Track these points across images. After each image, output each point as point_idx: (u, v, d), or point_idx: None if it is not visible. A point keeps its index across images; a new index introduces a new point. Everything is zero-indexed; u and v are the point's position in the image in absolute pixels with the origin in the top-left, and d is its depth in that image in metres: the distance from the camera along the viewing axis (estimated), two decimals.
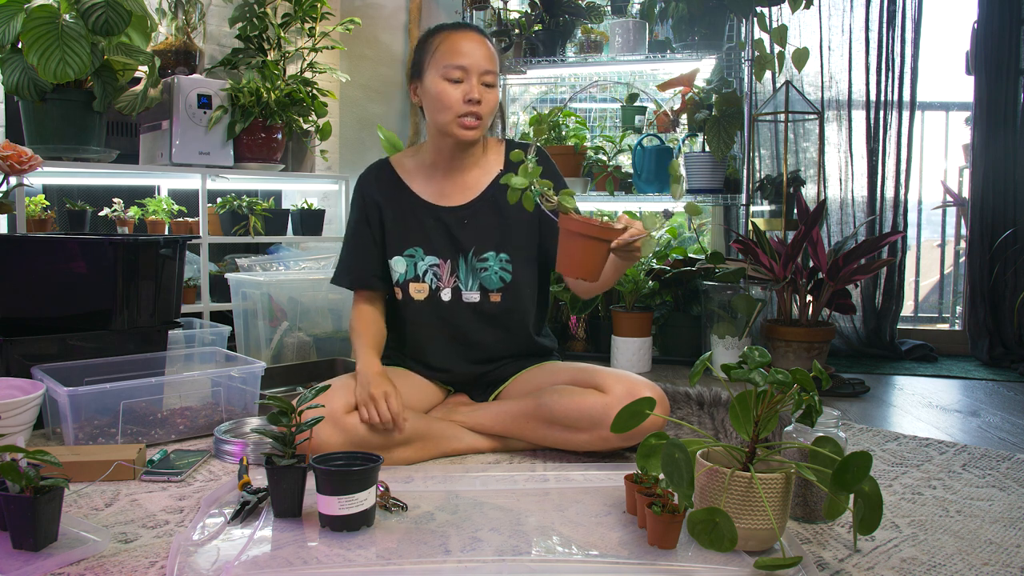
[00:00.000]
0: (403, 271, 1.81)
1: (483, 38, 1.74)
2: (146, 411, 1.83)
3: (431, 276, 1.80)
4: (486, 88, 1.71)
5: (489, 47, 1.73)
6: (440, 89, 1.70)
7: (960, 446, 1.90)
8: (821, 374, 1.25)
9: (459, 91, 1.69)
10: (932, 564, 1.21)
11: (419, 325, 1.82)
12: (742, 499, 1.17)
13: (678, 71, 3.25)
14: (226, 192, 3.01)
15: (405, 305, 1.82)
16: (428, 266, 1.80)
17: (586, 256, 1.41)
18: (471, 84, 1.69)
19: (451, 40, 1.72)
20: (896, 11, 3.26)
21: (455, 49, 1.70)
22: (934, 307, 3.91)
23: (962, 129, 3.66)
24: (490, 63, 1.71)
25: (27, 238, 2.11)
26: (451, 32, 1.74)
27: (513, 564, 1.15)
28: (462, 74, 1.69)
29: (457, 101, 1.69)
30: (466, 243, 1.80)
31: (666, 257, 3.09)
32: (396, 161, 1.89)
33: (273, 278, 2.65)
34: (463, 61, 1.69)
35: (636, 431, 1.46)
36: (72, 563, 1.15)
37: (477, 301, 1.80)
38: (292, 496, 1.30)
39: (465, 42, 1.71)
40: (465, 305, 1.80)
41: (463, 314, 1.80)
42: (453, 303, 1.80)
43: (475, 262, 1.80)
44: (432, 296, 1.80)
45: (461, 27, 1.77)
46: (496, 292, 1.80)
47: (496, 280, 1.79)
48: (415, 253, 1.81)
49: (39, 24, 2.18)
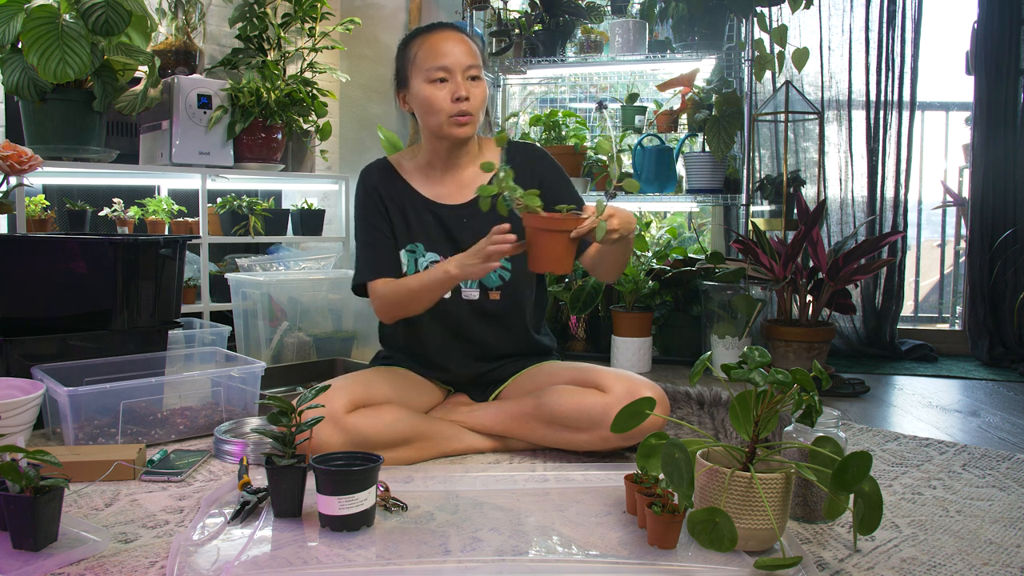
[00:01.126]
0: (404, 266, 1.81)
1: (459, 34, 1.75)
2: (146, 411, 1.83)
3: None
4: (472, 82, 1.72)
5: (467, 42, 1.74)
6: (427, 93, 1.71)
7: (960, 446, 1.90)
8: (821, 374, 1.25)
9: (446, 91, 1.70)
10: (932, 564, 1.21)
11: (419, 322, 1.82)
12: (742, 499, 1.17)
13: (678, 71, 3.25)
14: (226, 192, 3.01)
15: None
16: (429, 262, 1.80)
17: (549, 249, 1.45)
18: (456, 82, 1.70)
19: (429, 43, 1.72)
20: (896, 11, 3.26)
21: (435, 51, 1.71)
22: (934, 307, 3.91)
23: (962, 129, 3.66)
24: (471, 57, 1.71)
25: (27, 238, 2.12)
26: (427, 35, 1.75)
27: (513, 564, 1.15)
28: (445, 74, 1.70)
29: (445, 102, 1.70)
30: (465, 242, 1.79)
31: (666, 257, 3.09)
32: (395, 161, 1.89)
33: (273, 278, 2.65)
34: (444, 61, 1.69)
35: (636, 431, 1.46)
36: (72, 563, 1.15)
37: (476, 299, 1.80)
38: (292, 496, 1.30)
39: (443, 42, 1.71)
40: (464, 303, 1.80)
41: (462, 311, 1.80)
42: (453, 300, 1.79)
43: None
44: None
45: (436, 28, 1.77)
46: (495, 290, 1.80)
47: (495, 278, 1.79)
48: (416, 249, 1.81)
49: (39, 24, 2.18)
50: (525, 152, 1.87)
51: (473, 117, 1.72)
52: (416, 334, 1.84)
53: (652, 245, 3.36)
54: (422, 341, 1.84)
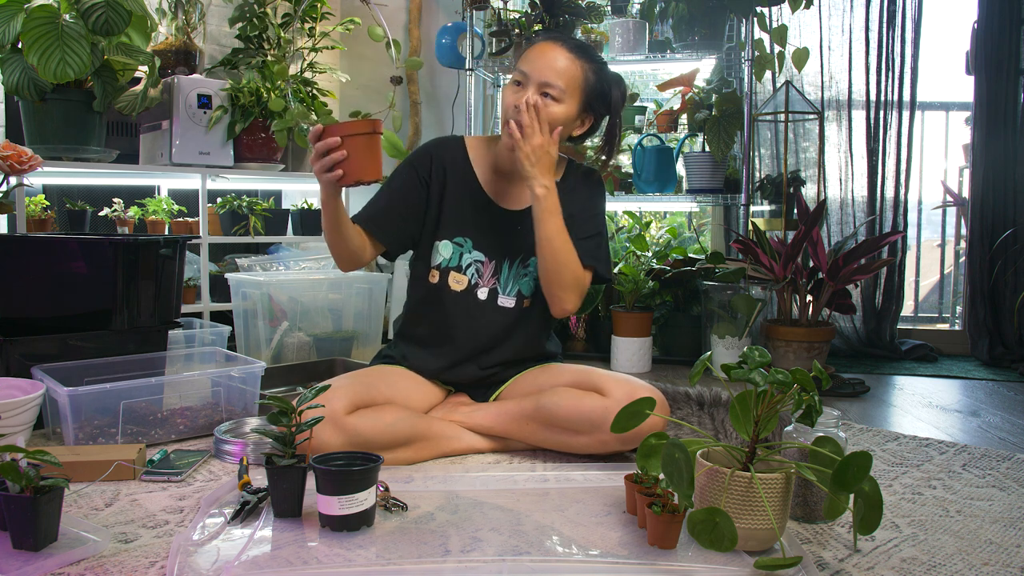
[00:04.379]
0: (447, 256, 1.78)
1: (562, 48, 1.67)
2: (146, 411, 1.83)
3: (473, 271, 1.78)
4: (544, 99, 1.65)
5: (562, 59, 1.66)
6: (505, 93, 1.71)
7: (960, 446, 1.90)
8: (821, 374, 1.25)
9: (516, 95, 1.67)
10: (932, 564, 1.21)
11: (446, 314, 1.78)
12: (742, 499, 1.17)
13: (678, 71, 3.25)
14: (226, 192, 3.01)
15: (439, 290, 1.78)
16: (472, 260, 1.78)
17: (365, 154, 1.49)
18: (526, 92, 1.65)
19: (532, 48, 1.70)
20: (896, 11, 3.26)
21: (527, 55, 1.69)
22: (934, 307, 3.91)
23: (962, 129, 3.66)
24: (554, 74, 1.64)
25: (27, 238, 2.12)
26: (537, 41, 1.72)
27: (513, 564, 1.15)
28: (522, 79, 1.67)
29: (509, 105, 1.67)
30: (516, 250, 1.78)
31: (666, 257, 3.09)
32: (469, 143, 1.85)
33: (273, 278, 2.65)
34: (525, 67, 1.67)
35: (635, 433, 1.46)
36: (72, 563, 1.15)
37: (512, 306, 1.79)
38: (292, 496, 1.30)
39: (539, 51, 1.68)
40: (498, 307, 1.78)
41: (493, 315, 1.78)
42: (487, 303, 1.78)
43: (519, 268, 1.79)
44: (469, 291, 1.78)
45: (547, 36, 1.73)
46: (529, 297, 1.80)
47: (532, 284, 1.79)
48: (464, 243, 1.78)
49: (39, 24, 2.18)
50: (587, 177, 1.86)
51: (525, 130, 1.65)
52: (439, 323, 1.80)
53: (652, 245, 3.36)
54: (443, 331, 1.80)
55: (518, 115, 1.64)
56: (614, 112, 1.78)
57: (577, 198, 1.80)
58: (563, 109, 1.68)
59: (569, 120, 1.70)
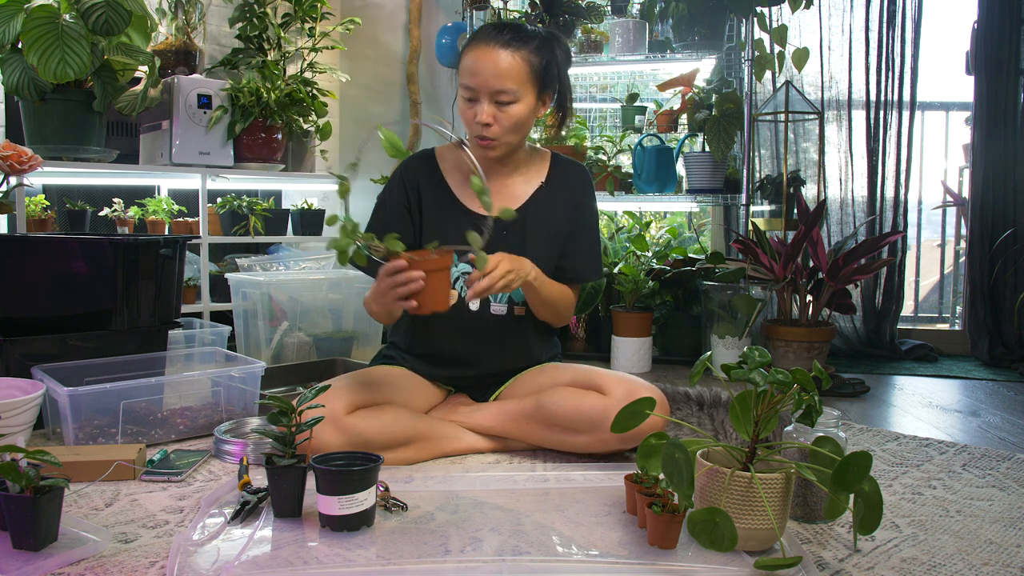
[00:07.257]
0: None
1: (497, 49, 1.62)
2: (146, 411, 1.83)
3: (461, 284, 1.78)
4: (500, 107, 1.64)
5: (503, 60, 1.61)
6: (461, 107, 1.69)
7: (960, 446, 1.90)
8: (821, 374, 1.25)
9: (473, 111, 1.66)
10: (932, 564, 1.21)
11: (440, 327, 1.78)
12: (742, 499, 1.17)
13: (678, 71, 3.25)
14: (226, 192, 3.01)
15: None
16: (460, 273, 1.78)
17: (441, 288, 1.47)
18: (481, 106, 1.64)
19: (467, 56, 1.66)
20: (896, 11, 3.26)
21: (466, 66, 1.65)
22: (934, 307, 3.91)
23: (962, 129, 3.66)
24: (501, 80, 1.61)
25: (27, 238, 2.12)
26: (469, 47, 1.67)
27: (513, 564, 1.15)
28: (472, 94, 1.65)
29: (471, 120, 1.66)
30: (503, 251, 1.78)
31: (666, 257, 3.09)
32: (440, 153, 1.84)
33: (273, 278, 2.65)
34: (471, 81, 1.63)
35: (635, 432, 1.45)
36: (72, 563, 1.15)
37: (504, 314, 1.78)
38: (292, 496, 1.30)
39: (476, 59, 1.63)
40: (491, 316, 1.78)
41: (487, 324, 1.78)
42: (479, 313, 1.78)
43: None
44: (460, 303, 1.77)
45: (477, 38, 1.67)
46: (521, 305, 1.79)
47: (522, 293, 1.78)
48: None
49: (39, 24, 2.18)
50: (572, 173, 1.84)
51: (497, 141, 1.67)
52: (434, 336, 1.81)
53: (652, 245, 3.36)
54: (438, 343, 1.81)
55: (482, 130, 1.65)
56: (563, 75, 1.76)
57: (564, 203, 1.79)
58: (523, 106, 1.66)
59: (532, 110, 1.69)
